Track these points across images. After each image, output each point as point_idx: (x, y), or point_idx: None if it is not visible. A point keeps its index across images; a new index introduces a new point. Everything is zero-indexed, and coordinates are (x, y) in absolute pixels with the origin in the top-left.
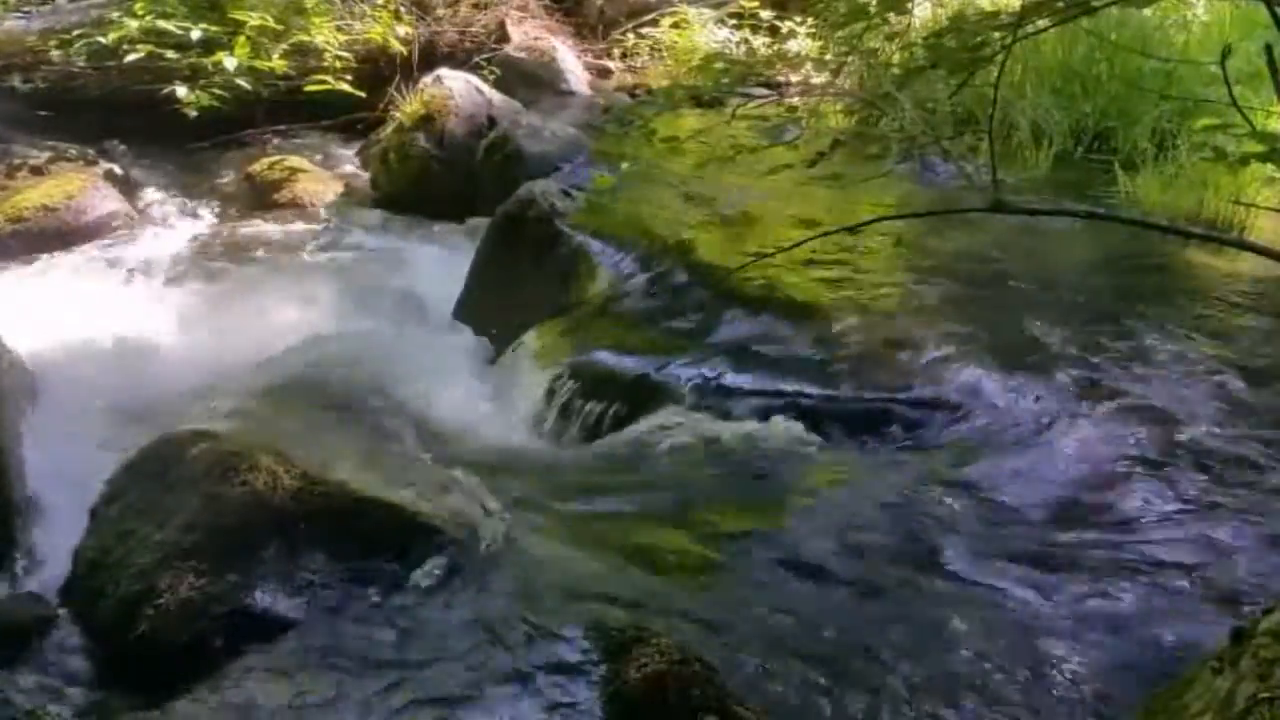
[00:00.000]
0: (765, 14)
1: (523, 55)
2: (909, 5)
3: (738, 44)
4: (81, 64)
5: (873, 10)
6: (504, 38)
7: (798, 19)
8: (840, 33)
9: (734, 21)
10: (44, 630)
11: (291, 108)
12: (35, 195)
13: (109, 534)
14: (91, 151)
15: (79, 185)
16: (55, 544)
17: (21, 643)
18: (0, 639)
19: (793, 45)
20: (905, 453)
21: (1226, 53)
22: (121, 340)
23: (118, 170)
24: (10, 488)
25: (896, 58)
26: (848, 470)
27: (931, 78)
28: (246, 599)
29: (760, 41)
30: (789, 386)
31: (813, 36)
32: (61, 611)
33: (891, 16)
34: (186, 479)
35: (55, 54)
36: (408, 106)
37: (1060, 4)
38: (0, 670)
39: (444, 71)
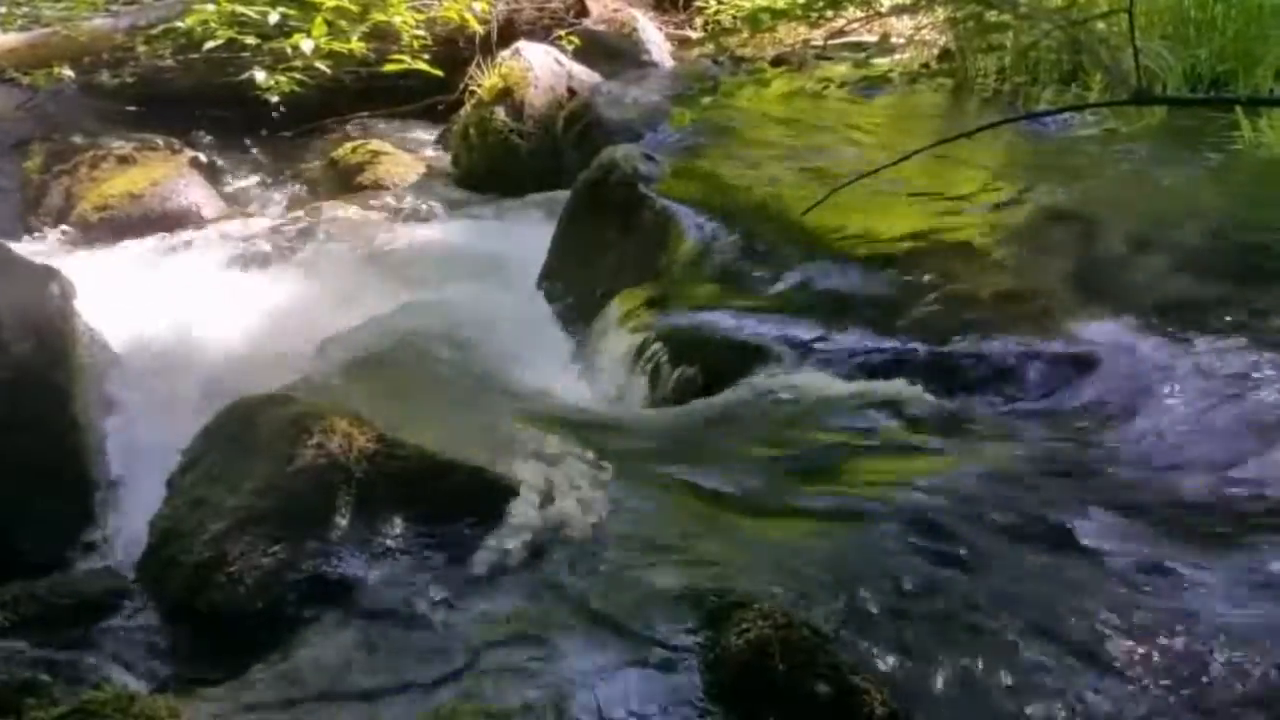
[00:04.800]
0: None
1: (602, 28)
2: None
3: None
4: (167, 59)
5: None
6: (583, 12)
7: None
8: None
9: None
10: (118, 603)
11: (373, 94)
12: (121, 183)
13: (183, 502)
14: (177, 142)
15: (164, 173)
16: (135, 518)
17: (95, 617)
18: (74, 614)
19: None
20: (1028, 412)
21: None
22: (205, 319)
23: (203, 158)
24: (91, 464)
25: None
26: (961, 430)
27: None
28: (321, 564)
29: None
30: (894, 343)
31: None
32: (136, 584)
33: None
34: (260, 443)
35: (142, 49)
36: (486, 81)
37: None
38: (73, 645)
39: (522, 44)
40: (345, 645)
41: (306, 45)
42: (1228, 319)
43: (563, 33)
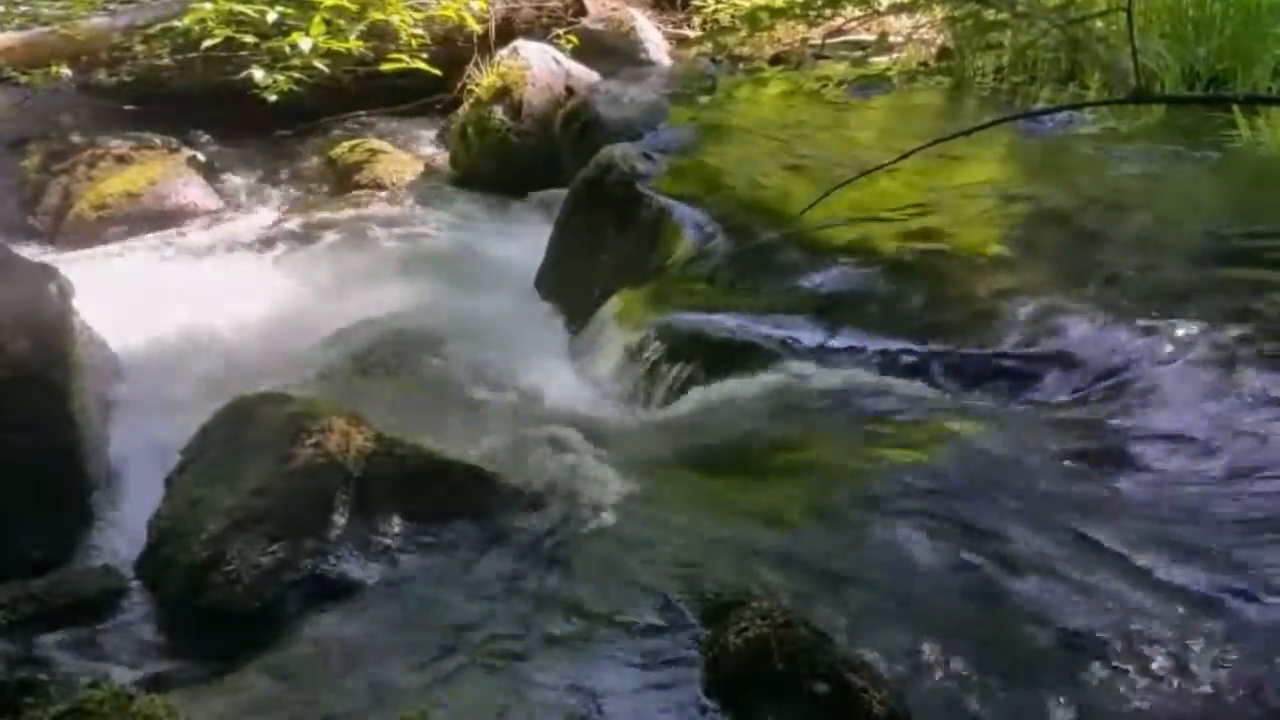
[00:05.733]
0: None
1: (600, 27)
2: None
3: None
4: (165, 58)
5: None
6: (581, 11)
7: None
8: None
9: None
10: (115, 602)
11: (371, 93)
12: (119, 182)
13: (181, 501)
14: (175, 141)
15: (161, 171)
16: (134, 517)
17: (92, 616)
18: (72, 613)
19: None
20: (1018, 408)
21: None
22: (203, 318)
23: (200, 157)
24: (89, 464)
25: None
26: (954, 427)
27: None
28: (319, 564)
29: None
30: (887, 342)
31: None
32: (134, 583)
33: None
34: (258, 442)
35: (139, 48)
36: (484, 80)
37: None
38: (71, 644)
39: (520, 42)
40: (343, 644)
41: (305, 44)
42: (1224, 317)
43: (561, 31)
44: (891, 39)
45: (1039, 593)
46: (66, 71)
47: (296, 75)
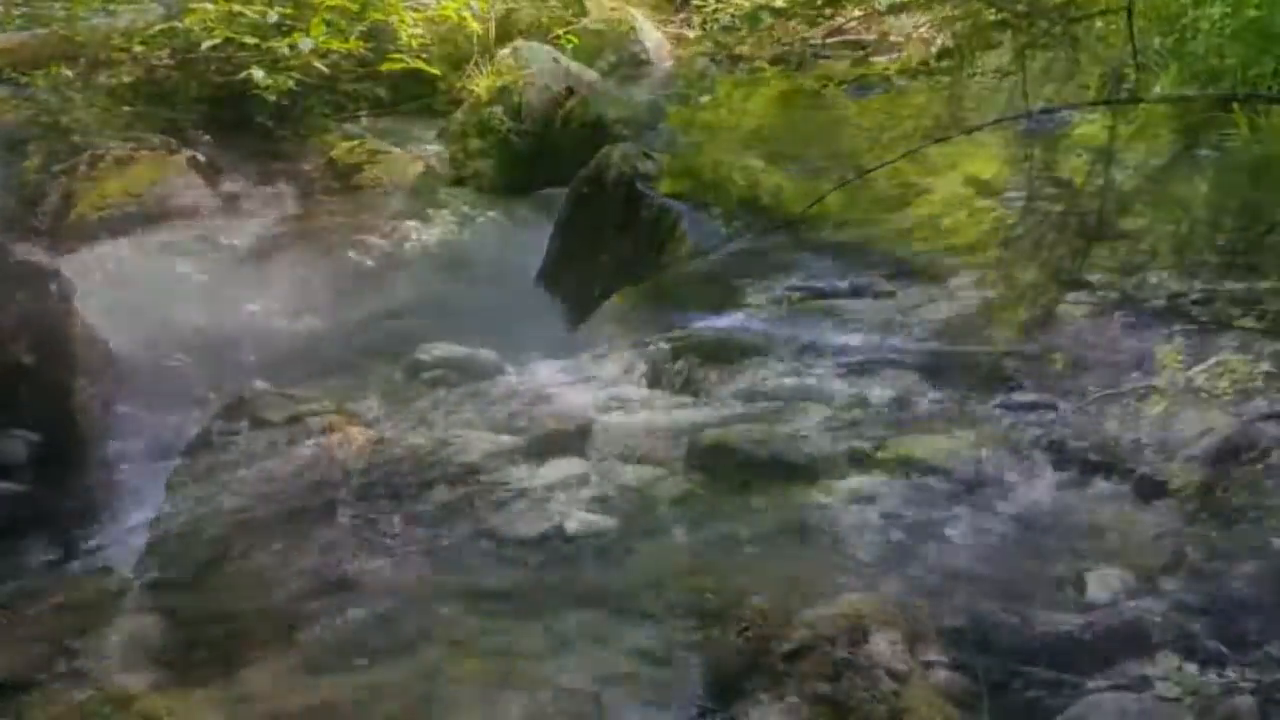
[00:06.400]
0: None
1: (600, 27)
2: None
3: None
4: (165, 58)
5: None
6: (581, 11)
7: None
8: None
9: None
10: (115, 603)
11: (372, 95)
12: (119, 182)
13: (182, 501)
14: (174, 141)
15: (161, 172)
16: (134, 517)
17: (94, 617)
18: (73, 614)
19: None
20: (1024, 409)
21: None
22: (203, 318)
23: (200, 157)
24: (90, 463)
25: None
26: (957, 426)
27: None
28: (320, 563)
29: None
30: (889, 340)
31: None
32: (135, 583)
33: None
34: (259, 441)
35: (139, 48)
36: (484, 80)
37: None
38: (72, 644)
39: (520, 42)
40: (343, 644)
41: (305, 44)
42: (1223, 316)
43: (561, 31)
44: (891, 39)
45: (1037, 593)
46: (66, 72)
47: (296, 76)
